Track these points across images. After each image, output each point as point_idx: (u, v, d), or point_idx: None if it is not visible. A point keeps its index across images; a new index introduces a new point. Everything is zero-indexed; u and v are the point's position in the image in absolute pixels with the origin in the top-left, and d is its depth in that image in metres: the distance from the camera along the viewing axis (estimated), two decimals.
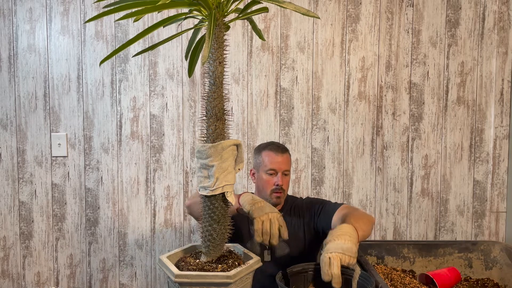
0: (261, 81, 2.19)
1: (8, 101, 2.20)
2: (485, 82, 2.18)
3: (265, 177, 1.69)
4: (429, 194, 2.21)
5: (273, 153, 1.69)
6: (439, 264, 1.67)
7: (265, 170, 1.69)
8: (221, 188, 1.05)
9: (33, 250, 2.25)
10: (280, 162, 1.69)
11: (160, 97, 2.20)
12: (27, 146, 2.21)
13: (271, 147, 1.72)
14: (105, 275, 2.25)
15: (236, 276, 1.01)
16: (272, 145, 1.73)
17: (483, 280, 1.60)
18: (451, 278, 1.52)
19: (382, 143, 2.20)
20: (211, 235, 1.08)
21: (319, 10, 2.17)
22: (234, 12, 1.08)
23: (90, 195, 2.23)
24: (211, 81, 1.04)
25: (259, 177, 1.72)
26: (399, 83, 2.19)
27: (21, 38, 2.18)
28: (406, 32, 2.17)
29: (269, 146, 1.73)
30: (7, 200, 2.23)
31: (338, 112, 2.19)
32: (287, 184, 1.73)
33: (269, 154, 1.70)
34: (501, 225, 2.21)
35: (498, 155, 2.19)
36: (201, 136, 1.09)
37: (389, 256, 1.67)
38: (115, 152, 2.21)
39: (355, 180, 2.21)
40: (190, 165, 2.22)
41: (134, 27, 2.17)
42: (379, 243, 1.73)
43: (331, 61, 2.18)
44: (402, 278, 1.50)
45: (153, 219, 2.23)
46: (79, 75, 2.20)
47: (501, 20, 2.16)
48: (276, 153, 1.69)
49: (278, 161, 1.69)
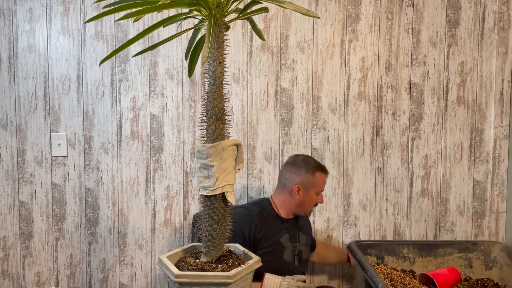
0: (261, 81, 2.19)
1: (8, 101, 2.20)
2: (485, 82, 2.18)
3: (315, 197, 1.80)
4: (429, 194, 2.21)
5: (325, 176, 1.82)
6: (439, 264, 1.67)
7: (316, 191, 1.79)
8: (221, 188, 1.05)
9: (33, 250, 2.25)
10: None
11: (160, 97, 2.20)
12: (27, 146, 2.21)
13: (322, 169, 1.81)
14: (105, 275, 2.25)
15: (236, 276, 1.01)
16: (322, 166, 1.82)
17: (483, 280, 1.60)
18: (451, 278, 1.52)
19: (382, 143, 2.20)
20: (211, 235, 1.08)
21: (319, 10, 2.17)
22: (234, 12, 1.08)
23: (90, 195, 2.23)
24: (211, 81, 1.04)
25: (307, 195, 1.78)
26: (399, 83, 2.19)
27: (21, 38, 2.18)
28: (406, 32, 2.17)
29: (320, 167, 1.81)
30: (7, 200, 2.23)
31: (338, 112, 2.19)
32: None
33: (322, 177, 1.80)
34: (501, 225, 2.21)
35: (498, 155, 2.19)
36: (201, 136, 1.09)
37: (389, 256, 1.67)
38: (115, 152, 2.21)
39: (355, 180, 2.21)
40: (190, 165, 2.22)
41: (134, 27, 2.17)
42: (379, 243, 1.73)
43: (331, 61, 2.18)
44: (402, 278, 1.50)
45: (153, 219, 2.23)
46: (79, 75, 2.20)
47: (501, 20, 2.16)
48: (326, 175, 1.84)
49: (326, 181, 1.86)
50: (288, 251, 1.76)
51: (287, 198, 1.80)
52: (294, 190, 1.77)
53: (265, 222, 1.75)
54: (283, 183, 1.81)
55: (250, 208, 1.79)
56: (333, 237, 2.23)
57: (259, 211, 1.77)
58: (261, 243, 1.70)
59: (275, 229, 1.76)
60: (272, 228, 1.75)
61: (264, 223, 1.74)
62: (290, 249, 1.77)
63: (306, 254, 1.85)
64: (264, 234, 1.71)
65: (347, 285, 2.25)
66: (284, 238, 1.76)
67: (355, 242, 1.94)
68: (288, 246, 1.76)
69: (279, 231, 1.77)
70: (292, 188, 1.77)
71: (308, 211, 1.83)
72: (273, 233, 1.75)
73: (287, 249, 1.76)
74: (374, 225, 2.22)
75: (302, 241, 1.84)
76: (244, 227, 1.69)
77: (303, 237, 1.86)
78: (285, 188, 1.80)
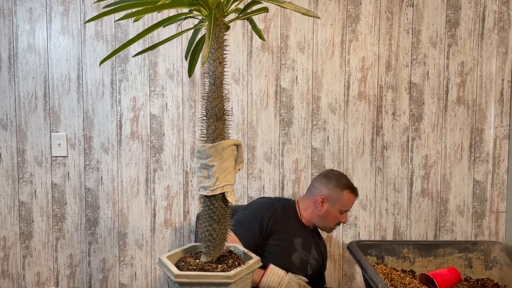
0: (261, 81, 2.19)
1: (8, 101, 2.20)
2: (485, 82, 2.18)
3: (337, 215, 1.79)
4: (429, 194, 2.21)
5: (354, 197, 1.80)
6: (439, 264, 1.67)
7: (340, 209, 1.78)
8: (221, 188, 1.05)
9: (33, 250, 2.25)
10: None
11: (160, 97, 2.20)
12: (27, 146, 2.21)
13: (353, 190, 1.80)
14: (105, 275, 2.25)
15: (236, 276, 1.01)
16: (353, 187, 1.81)
17: (483, 280, 1.60)
18: (451, 278, 1.52)
19: (382, 143, 2.20)
20: (211, 235, 1.08)
21: (319, 10, 2.17)
22: (234, 12, 1.08)
23: (90, 195, 2.23)
24: (211, 81, 1.04)
25: (330, 210, 1.77)
26: (399, 83, 2.19)
27: (21, 38, 2.18)
28: (406, 32, 2.17)
29: (352, 187, 1.80)
30: (7, 200, 2.23)
31: (338, 112, 2.19)
32: None
33: (350, 197, 1.79)
34: (501, 225, 2.21)
35: (498, 155, 2.19)
36: (201, 136, 1.09)
37: (389, 256, 1.67)
38: (115, 152, 2.21)
39: (355, 180, 2.21)
40: (190, 165, 2.22)
41: (134, 27, 2.17)
42: (379, 243, 1.73)
43: (331, 61, 2.18)
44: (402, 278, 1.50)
45: (153, 219, 2.23)
46: (79, 75, 2.20)
47: (501, 20, 2.16)
48: (356, 197, 1.81)
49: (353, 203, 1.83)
50: (297, 255, 1.75)
51: (311, 207, 1.80)
52: (318, 201, 1.78)
53: (285, 218, 1.77)
54: (311, 191, 1.83)
55: (275, 202, 1.81)
56: (333, 237, 2.24)
57: (282, 207, 1.79)
58: (275, 235, 1.72)
59: (292, 229, 1.77)
60: (290, 227, 1.77)
61: (284, 219, 1.76)
62: (300, 254, 1.76)
63: (313, 269, 1.82)
64: (280, 228, 1.72)
65: (347, 285, 2.25)
66: (298, 241, 1.76)
67: (355, 242, 1.93)
68: (299, 250, 1.75)
69: (295, 232, 1.77)
70: (317, 198, 1.78)
71: (329, 227, 1.81)
72: (289, 232, 1.76)
73: (297, 252, 1.75)
74: (374, 225, 2.22)
75: (314, 255, 1.83)
76: (265, 214, 1.71)
77: (314, 252, 1.84)
78: (311, 196, 1.81)
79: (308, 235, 1.82)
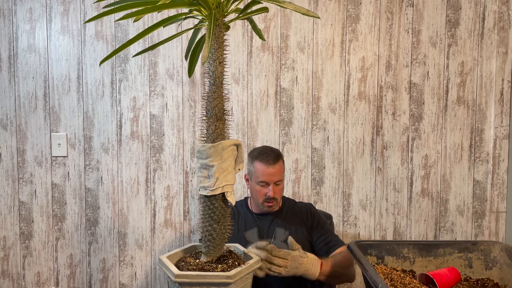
0: (261, 81, 2.19)
1: (8, 101, 2.20)
2: (485, 82, 2.18)
3: (257, 187, 1.70)
4: (429, 194, 2.21)
5: (264, 166, 1.67)
6: (439, 264, 1.67)
7: (256, 181, 1.70)
8: (221, 188, 1.05)
9: (33, 250, 2.25)
10: (272, 174, 1.68)
11: (160, 97, 2.20)
12: (27, 146, 2.21)
13: (262, 158, 1.69)
14: (105, 275, 2.25)
15: (236, 276, 1.01)
16: (264, 155, 1.70)
17: (483, 280, 1.60)
18: (451, 278, 1.52)
19: (382, 143, 2.20)
20: (211, 235, 1.08)
21: (319, 10, 2.17)
22: (234, 12, 1.08)
23: (90, 195, 2.23)
24: (211, 81, 1.04)
25: (253, 185, 1.74)
26: (399, 83, 2.19)
27: (21, 38, 2.18)
28: (406, 32, 2.17)
29: (261, 156, 1.70)
30: (7, 200, 2.23)
31: (338, 112, 2.19)
32: (279, 193, 1.74)
33: (261, 167, 1.68)
34: (501, 225, 2.21)
35: (498, 155, 2.19)
36: (201, 136, 1.09)
37: (389, 256, 1.67)
38: (115, 152, 2.21)
39: (355, 180, 2.21)
40: (190, 165, 2.22)
41: (134, 27, 2.17)
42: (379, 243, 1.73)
43: (331, 61, 2.18)
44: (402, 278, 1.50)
45: (153, 219, 2.23)
46: (79, 75, 2.20)
47: (501, 20, 2.16)
48: (267, 166, 1.67)
49: (270, 173, 1.67)
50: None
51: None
52: (245, 179, 1.79)
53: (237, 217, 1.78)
54: None
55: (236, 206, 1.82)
56: None
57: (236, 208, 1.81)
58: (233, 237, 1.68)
59: (241, 224, 1.77)
60: (239, 223, 1.77)
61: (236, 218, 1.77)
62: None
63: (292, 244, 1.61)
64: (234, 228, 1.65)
65: (347, 285, 2.25)
66: (250, 232, 1.74)
67: (355, 242, 1.93)
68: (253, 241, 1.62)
69: (246, 225, 1.76)
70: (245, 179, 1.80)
71: (260, 203, 1.72)
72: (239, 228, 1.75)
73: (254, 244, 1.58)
74: (374, 225, 2.22)
75: (279, 235, 1.74)
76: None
77: (280, 231, 1.75)
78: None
79: (263, 221, 1.77)
